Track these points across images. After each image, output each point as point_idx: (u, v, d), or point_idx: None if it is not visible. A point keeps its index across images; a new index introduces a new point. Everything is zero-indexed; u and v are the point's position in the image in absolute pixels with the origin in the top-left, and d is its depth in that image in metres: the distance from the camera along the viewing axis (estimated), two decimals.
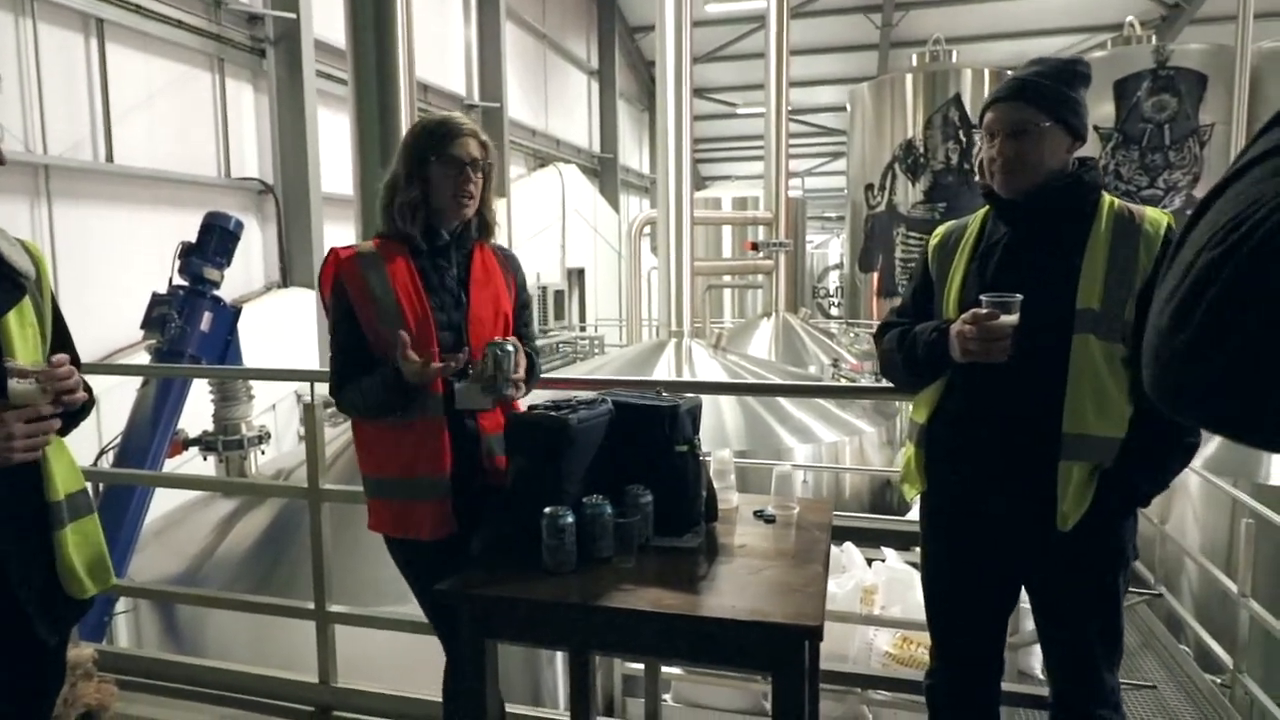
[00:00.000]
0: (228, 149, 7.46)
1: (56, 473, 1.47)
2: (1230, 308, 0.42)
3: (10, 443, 1.33)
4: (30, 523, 1.45)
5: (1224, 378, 0.43)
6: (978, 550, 1.67)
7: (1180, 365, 0.45)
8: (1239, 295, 0.42)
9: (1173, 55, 9.95)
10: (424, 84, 10.32)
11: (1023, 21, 15.33)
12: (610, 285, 15.96)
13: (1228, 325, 0.42)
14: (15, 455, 1.35)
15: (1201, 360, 0.43)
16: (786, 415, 5.83)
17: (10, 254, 1.45)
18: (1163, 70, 9.93)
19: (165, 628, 3.88)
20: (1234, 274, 0.42)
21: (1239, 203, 0.44)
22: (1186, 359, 0.45)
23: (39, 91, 5.77)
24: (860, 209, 12.09)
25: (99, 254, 6.19)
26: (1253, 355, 0.41)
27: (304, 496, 2.56)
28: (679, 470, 1.76)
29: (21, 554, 1.43)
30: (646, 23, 16.17)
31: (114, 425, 4.37)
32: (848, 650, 3.73)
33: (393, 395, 1.69)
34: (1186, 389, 0.46)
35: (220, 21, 7.31)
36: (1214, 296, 0.43)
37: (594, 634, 1.54)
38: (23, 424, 1.34)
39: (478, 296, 1.80)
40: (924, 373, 1.68)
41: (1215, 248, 0.44)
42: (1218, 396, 0.44)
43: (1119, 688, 1.62)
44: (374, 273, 1.73)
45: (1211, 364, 0.43)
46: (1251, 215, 0.42)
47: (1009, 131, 1.58)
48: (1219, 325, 0.43)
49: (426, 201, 1.76)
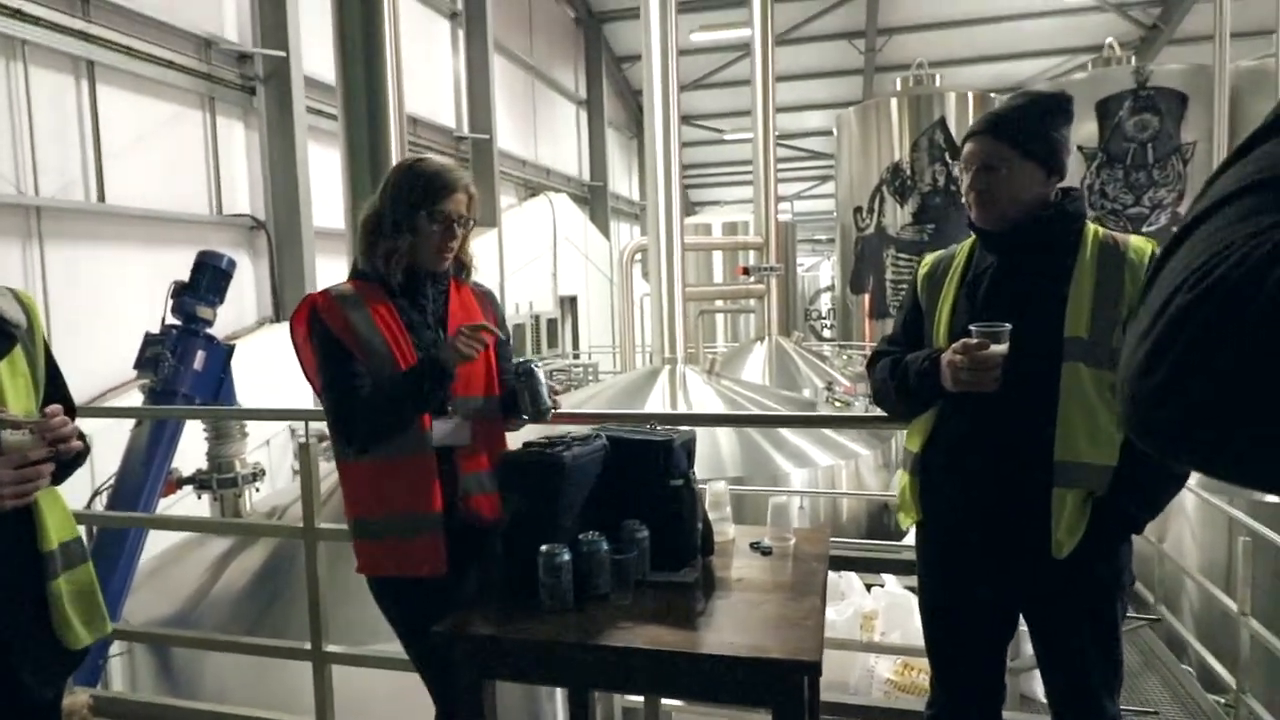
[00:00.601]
0: (219, 186, 7.50)
1: (49, 522, 1.46)
2: (1201, 352, 0.44)
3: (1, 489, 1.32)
4: (23, 574, 1.44)
5: (1194, 417, 0.45)
6: (973, 578, 1.68)
7: (1153, 406, 0.47)
8: (1210, 340, 0.44)
9: (1153, 75, 10.13)
10: (414, 117, 10.41)
11: (1004, 44, 15.60)
12: (603, 312, 16.01)
13: (1198, 368, 0.44)
14: (5, 503, 1.34)
15: (1173, 400, 0.45)
16: (782, 441, 5.83)
17: (1, 304, 1.46)
18: (1143, 90, 10.10)
19: (161, 670, 3.82)
20: (1205, 320, 0.44)
21: (1211, 245, 0.46)
22: (1159, 400, 0.46)
23: (30, 133, 5.80)
24: (850, 231, 12.20)
25: (91, 294, 6.19)
26: (1221, 396, 0.43)
27: (299, 536, 2.54)
28: (674, 504, 1.76)
29: (14, 608, 1.41)
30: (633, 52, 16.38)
31: (107, 466, 4.34)
32: (849, 678, 3.70)
33: (415, 381, 1.67)
34: (1159, 428, 0.48)
35: (210, 61, 7.38)
36: (1186, 340, 0.45)
37: (592, 672, 1.54)
38: (11, 470, 1.34)
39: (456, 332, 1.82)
40: (916, 402, 1.70)
41: (1188, 292, 0.45)
42: (1188, 435, 0.46)
43: (1120, 716, 1.61)
44: (357, 313, 1.73)
45: (1182, 404, 0.45)
46: (1224, 259, 0.44)
47: (980, 166, 1.62)
48: (1190, 368, 0.44)
49: (410, 252, 1.77)
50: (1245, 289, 0.42)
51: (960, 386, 1.55)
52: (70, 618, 1.47)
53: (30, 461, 1.36)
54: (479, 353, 1.69)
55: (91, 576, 1.55)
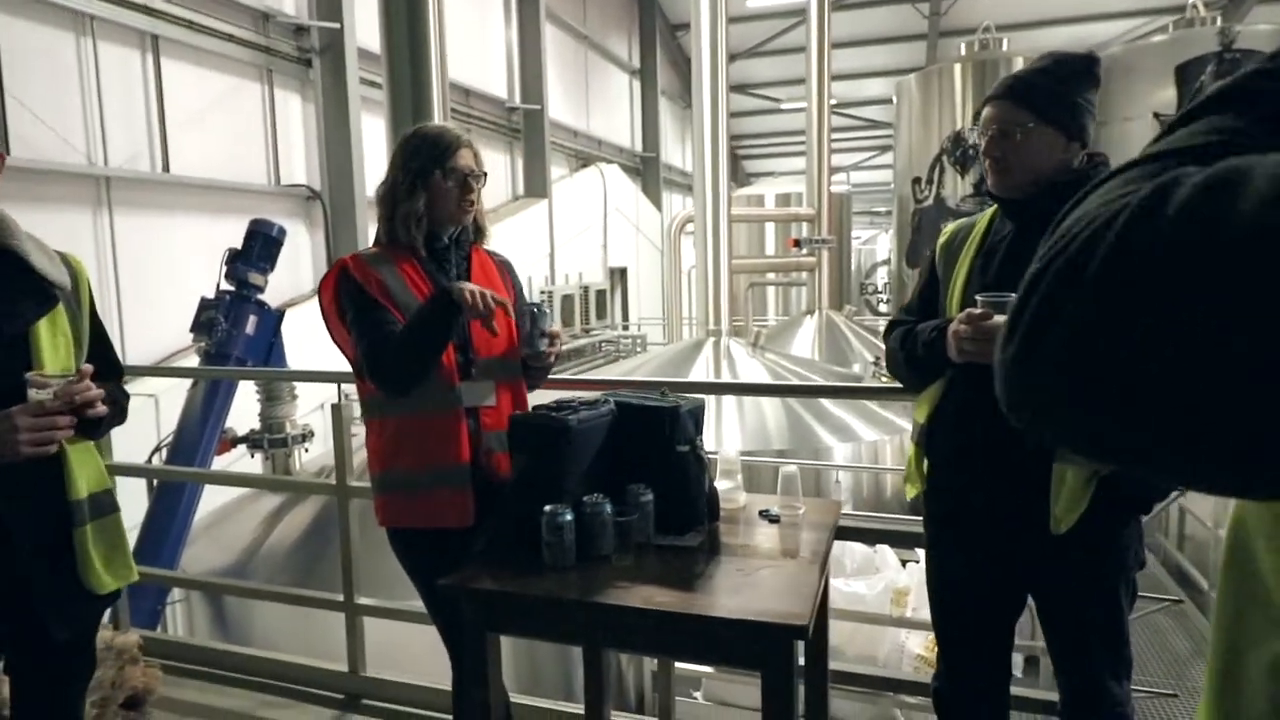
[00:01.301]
0: (277, 157, 7.72)
1: (79, 473, 1.54)
2: (1041, 323, 0.43)
3: (16, 435, 1.39)
4: (51, 521, 1.51)
5: (1037, 390, 0.43)
6: (978, 553, 1.66)
7: (1006, 379, 0.45)
8: (1048, 312, 0.42)
9: (1239, 36, 9.52)
10: (465, 88, 10.49)
11: (1079, 6, 14.82)
12: (653, 284, 15.99)
13: (1038, 336, 0.43)
14: (23, 449, 1.41)
15: (1027, 367, 0.44)
16: (826, 414, 5.77)
17: (43, 264, 1.53)
18: (1228, 53, 9.50)
19: (215, 618, 4.05)
20: (1047, 289, 0.43)
21: (1079, 216, 0.45)
22: (1016, 367, 0.45)
23: (99, 106, 6.06)
24: (907, 203, 11.86)
25: (157, 261, 6.48)
26: (1058, 364, 0.42)
27: (332, 493, 2.65)
28: (680, 470, 1.78)
29: (39, 551, 1.49)
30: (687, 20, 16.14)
31: (170, 422, 4.58)
32: (878, 653, 3.69)
33: (436, 312, 1.70)
34: (1014, 401, 0.46)
35: (268, 34, 7.56)
36: (1030, 312, 0.43)
37: (590, 629, 1.58)
38: (29, 418, 1.41)
39: None
40: (924, 371, 1.67)
41: (1039, 261, 0.44)
42: (1036, 409, 0.45)
43: (1128, 697, 1.58)
44: (385, 270, 1.79)
45: (1036, 370, 0.43)
46: (1076, 232, 0.43)
47: (996, 131, 1.56)
48: (1032, 337, 0.43)
49: (428, 211, 1.82)
50: (1080, 256, 0.41)
51: (964, 357, 1.52)
52: (94, 563, 1.55)
53: (47, 412, 1.42)
54: (481, 309, 1.68)
55: (120, 526, 1.63)
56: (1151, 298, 0.38)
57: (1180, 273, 0.37)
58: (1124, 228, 0.40)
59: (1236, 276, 0.36)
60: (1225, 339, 0.36)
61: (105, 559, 1.57)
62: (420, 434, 1.79)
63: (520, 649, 3.43)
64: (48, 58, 5.73)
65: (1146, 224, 0.39)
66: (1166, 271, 0.38)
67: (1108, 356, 0.39)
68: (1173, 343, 0.37)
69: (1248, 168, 0.37)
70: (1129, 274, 0.39)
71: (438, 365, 1.76)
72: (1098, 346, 0.39)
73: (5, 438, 1.40)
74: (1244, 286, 0.35)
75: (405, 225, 1.80)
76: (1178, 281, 0.37)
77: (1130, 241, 0.39)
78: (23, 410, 1.41)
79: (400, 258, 1.82)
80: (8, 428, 1.40)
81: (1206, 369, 0.36)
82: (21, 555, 1.47)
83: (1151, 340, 0.38)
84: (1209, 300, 0.36)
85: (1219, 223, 0.37)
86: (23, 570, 1.47)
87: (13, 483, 1.45)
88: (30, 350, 1.48)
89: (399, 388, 1.75)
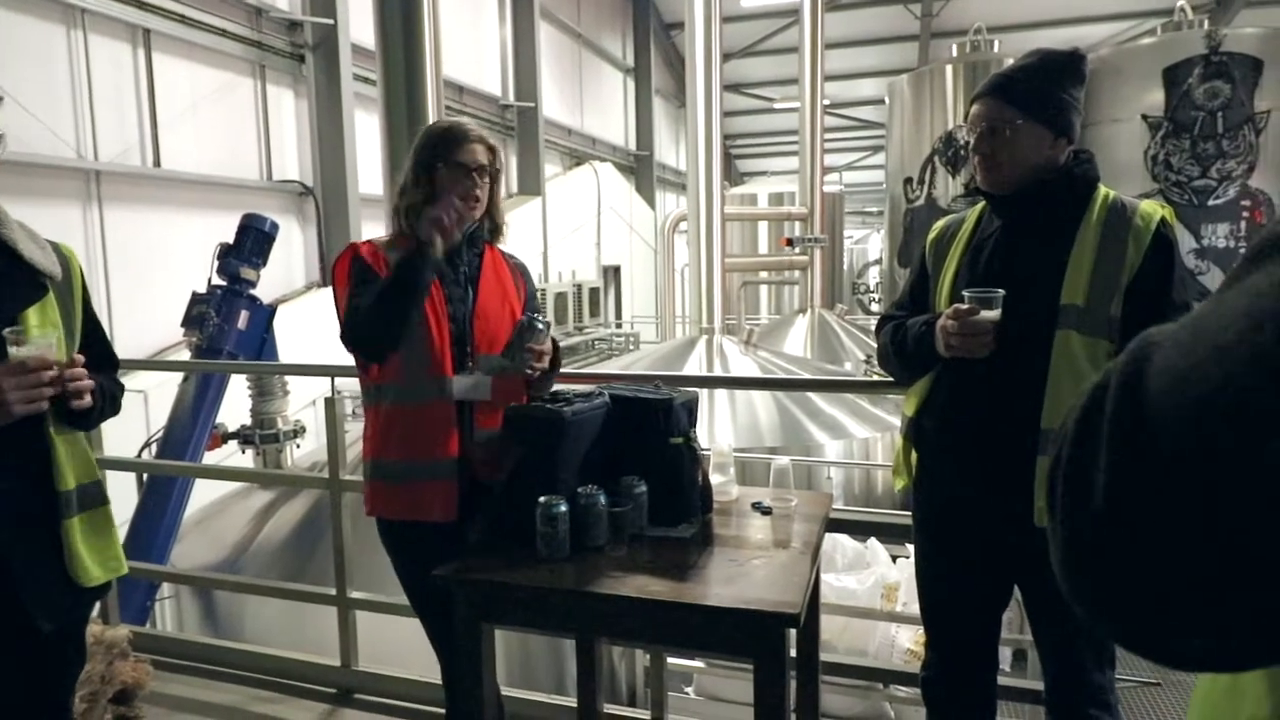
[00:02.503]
0: (269, 152, 7.69)
1: (67, 465, 1.52)
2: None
3: (3, 395, 1.36)
4: (39, 512, 1.49)
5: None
6: (964, 544, 1.67)
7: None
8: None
9: (1225, 40, 9.59)
10: (459, 85, 10.47)
11: (1069, 8, 14.91)
12: (646, 282, 16.00)
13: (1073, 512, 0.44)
14: (15, 409, 1.38)
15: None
16: (818, 411, 5.80)
17: (33, 253, 1.52)
18: (1215, 55, 9.57)
19: (206, 614, 4.04)
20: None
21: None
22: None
23: (90, 100, 6.03)
24: (899, 203, 11.91)
25: (148, 256, 6.45)
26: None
27: (325, 487, 2.65)
28: (674, 462, 1.79)
29: (26, 542, 1.47)
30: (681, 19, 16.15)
31: (160, 418, 4.56)
32: (868, 647, 3.72)
33: (405, 261, 1.67)
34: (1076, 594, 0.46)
35: (261, 29, 7.53)
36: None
37: (584, 619, 1.59)
38: (12, 377, 1.37)
39: (485, 293, 1.86)
40: (914, 366, 1.69)
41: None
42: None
43: (1112, 686, 1.60)
44: (394, 257, 1.79)
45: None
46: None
47: (983, 129, 1.58)
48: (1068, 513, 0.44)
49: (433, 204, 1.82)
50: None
51: (952, 352, 1.53)
52: (83, 555, 1.52)
53: (30, 369, 1.39)
54: (447, 221, 1.67)
55: (109, 518, 1.61)
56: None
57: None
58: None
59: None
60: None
61: (94, 551, 1.55)
62: (409, 424, 1.80)
63: (512, 642, 3.43)
64: (38, 51, 5.69)
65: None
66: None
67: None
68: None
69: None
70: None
71: (421, 342, 1.75)
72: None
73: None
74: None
75: (409, 217, 1.82)
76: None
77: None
78: (5, 370, 1.37)
79: (410, 248, 1.82)
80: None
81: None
82: (6, 546, 1.45)
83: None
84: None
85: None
86: (8, 561, 1.45)
87: (3, 469, 1.44)
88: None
89: (369, 346, 1.73)
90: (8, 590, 1.46)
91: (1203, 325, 0.40)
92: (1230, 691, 0.48)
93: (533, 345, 1.76)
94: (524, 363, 1.77)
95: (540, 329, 1.76)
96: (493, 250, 1.94)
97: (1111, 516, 0.40)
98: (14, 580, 1.45)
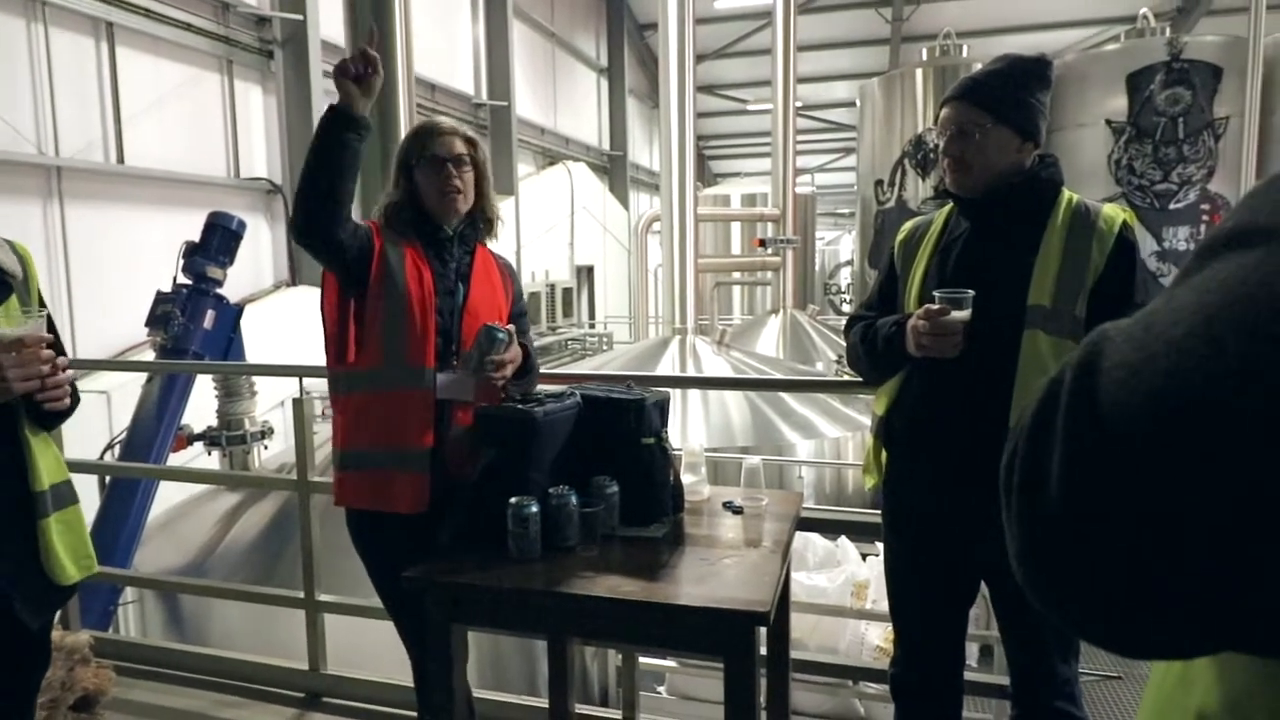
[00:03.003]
0: (237, 149, 7.57)
1: (41, 465, 1.53)
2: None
3: (3, 373, 1.38)
4: (15, 511, 1.50)
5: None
6: (933, 542, 1.70)
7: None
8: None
9: (1186, 47, 9.83)
10: (431, 83, 10.39)
11: (1036, 14, 15.19)
12: (620, 282, 16.00)
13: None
14: (15, 386, 1.40)
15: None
16: (789, 411, 5.85)
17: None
18: (1176, 63, 9.80)
19: (170, 618, 3.96)
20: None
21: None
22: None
23: (50, 94, 5.89)
24: (870, 205, 12.04)
25: (111, 254, 6.31)
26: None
27: (293, 489, 2.61)
28: (645, 462, 1.79)
29: (6, 540, 1.48)
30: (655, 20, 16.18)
31: (123, 420, 4.47)
32: (839, 644, 3.75)
33: (327, 128, 1.65)
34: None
35: (228, 24, 7.41)
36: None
37: (555, 619, 1.59)
38: (9, 355, 1.39)
39: (475, 291, 1.87)
40: (884, 365, 1.71)
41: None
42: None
43: (1076, 678, 1.64)
44: (392, 247, 1.80)
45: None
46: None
47: (955, 131, 1.61)
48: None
49: (415, 204, 1.82)
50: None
51: (922, 351, 1.56)
52: (60, 554, 1.54)
53: (25, 346, 1.41)
54: (356, 66, 1.62)
55: (81, 517, 1.62)
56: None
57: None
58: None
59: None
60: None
61: (69, 549, 1.56)
62: (383, 411, 1.78)
63: (484, 643, 3.42)
64: None
65: None
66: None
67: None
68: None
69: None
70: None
71: (404, 329, 1.74)
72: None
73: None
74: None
75: (388, 217, 1.83)
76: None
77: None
78: (3, 348, 1.39)
79: (406, 240, 1.83)
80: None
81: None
82: None
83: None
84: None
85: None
86: None
87: None
88: None
89: (308, 225, 1.69)
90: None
91: (1154, 320, 0.41)
92: (1181, 681, 0.49)
93: (493, 356, 1.74)
94: (483, 373, 1.74)
95: (501, 338, 1.73)
96: (484, 249, 1.95)
97: (1065, 509, 0.41)
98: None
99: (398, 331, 1.75)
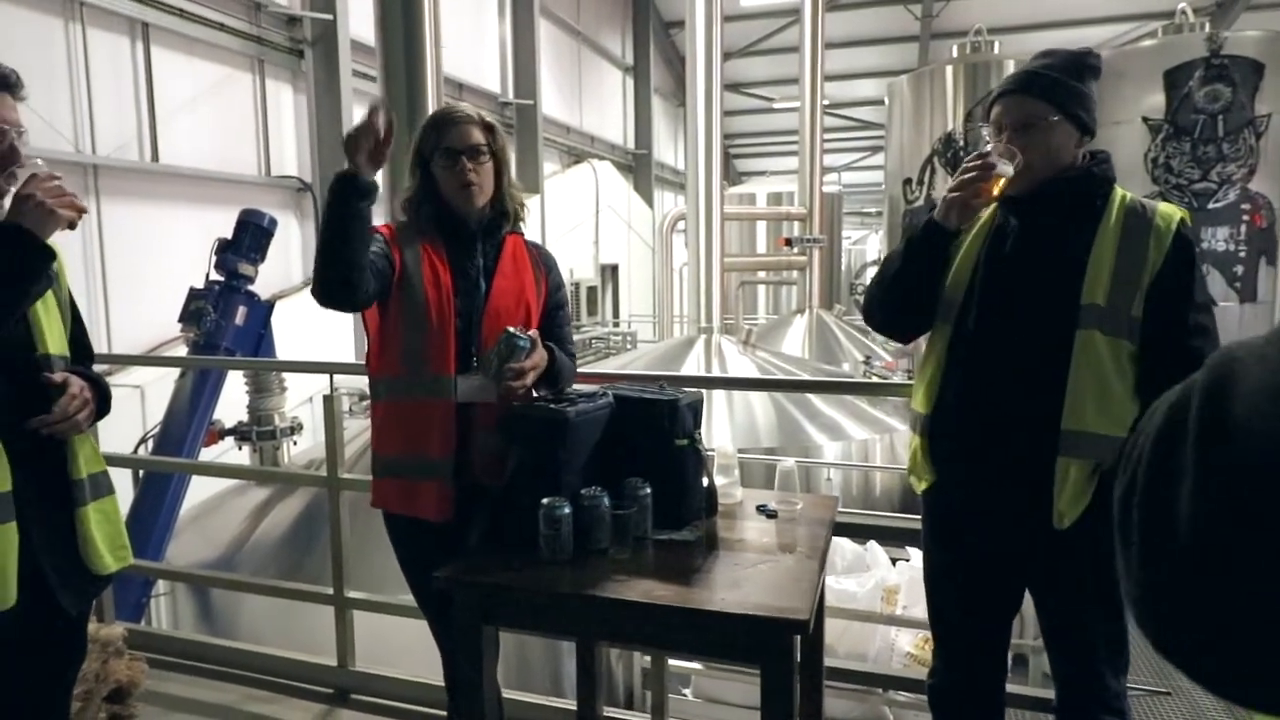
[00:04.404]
0: (268, 148, 7.65)
1: (80, 454, 1.55)
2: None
3: (43, 203, 1.40)
4: (55, 499, 1.52)
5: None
6: (977, 548, 1.65)
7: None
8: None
9: (1226, 43, 9.59)
10: (458, 82, 10.43)
11: (1069, 9, 14.92)
12: (644, 281, 15.98)
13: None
14: (60, 212, 1.42)
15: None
16: (816, 412, 5.78)
17: None
18: (1216, 59, 9.56)
19: (201, 611, 4.01)
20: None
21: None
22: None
23: (88, 93, 5.98)
24: (898, 204, 11.88)
25: (146, 250, 6.40)
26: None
27: (323, 485, 2.62)
28: (679, 464, 1.77)
29: (46, 527, 1.50)
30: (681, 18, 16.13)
31: (156, 414, 4.53)
32: (868, 650, 3.70)
33: (337, 198, 1.60)
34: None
35: (260, 24, 7.49)
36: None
37: (587, 623, 1.57)
38: (37, 183, 1.41)
39: (499, 287, 1.81)
40: (909, 263, 1.64)
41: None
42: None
43: (1125, 693, 1.58)
44: (408, 248, 1.77)
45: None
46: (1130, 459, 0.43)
47: (1016, 125, 1.56)
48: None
49: (432, 196, 1.80)
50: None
51: (949, 207, 1.53)
52: (98, 543, 1.55)
53: (49, 177, 1.43)
54: (366, 140, 1.59)
55: (117, 508, 1.64)
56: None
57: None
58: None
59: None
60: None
61: (106, 539, 1.58)
62: (405, 420, 1.77)
63: (509, 643, 3.41)
64: (36, 44, 5.64)
65: None
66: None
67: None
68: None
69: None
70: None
71: (421, 336, 1.72)
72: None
73: (35, 213, 1.40)
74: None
75: (405, 210, 1.81)
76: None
77: None
78: (33, 182, 1.42)
79: (424, 237, 1.80)
80: (32, 205, 1.40)
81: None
82: (30, 531, 1.47)
83: None
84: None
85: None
86: (33, 545, 1.47)
87: (22, 455, 1.45)
88: (30, 327, 1.50)
89: (325, 289, 1.63)
90: (32, 575, 1.47)
91: None
92: None
93: (512, 364, 1.68)
94: (501, 382, 1.69)
95: (522, 346, 1.67)
96: (516, 240, 1.87)
97: (1197, 545, 0.38)
98: (39, 564, 1.47)
99: (416, 339, 1.73)
